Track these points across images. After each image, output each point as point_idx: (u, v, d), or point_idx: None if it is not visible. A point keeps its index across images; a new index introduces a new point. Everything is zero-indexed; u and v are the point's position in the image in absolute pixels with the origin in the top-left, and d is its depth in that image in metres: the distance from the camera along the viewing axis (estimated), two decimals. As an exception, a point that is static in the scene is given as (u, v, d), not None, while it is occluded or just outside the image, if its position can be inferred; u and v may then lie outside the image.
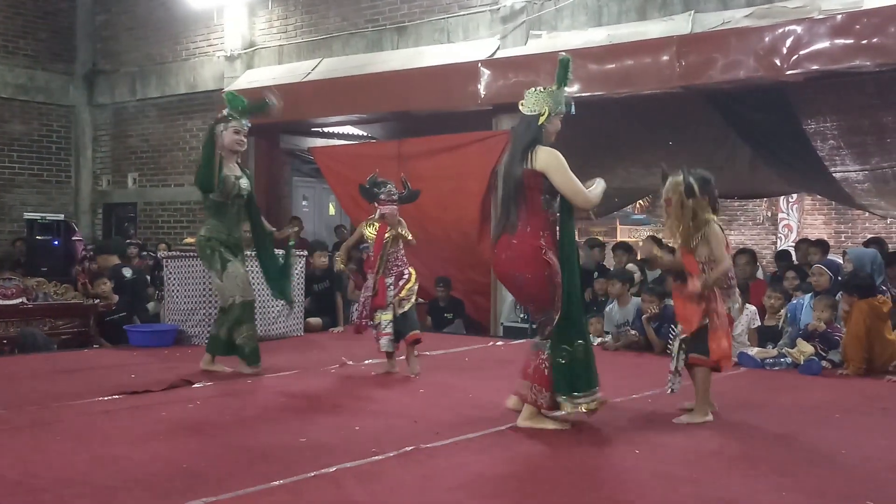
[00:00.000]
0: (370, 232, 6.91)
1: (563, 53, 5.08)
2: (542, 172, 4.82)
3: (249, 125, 6.88)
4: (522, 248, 4.80)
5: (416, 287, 6.86)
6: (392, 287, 6.72)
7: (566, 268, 4.83)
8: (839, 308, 7.39)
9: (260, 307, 8.99)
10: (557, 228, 4.92)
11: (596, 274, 9.83)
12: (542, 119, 4.90)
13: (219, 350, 6.86)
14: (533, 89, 4.99)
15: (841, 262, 8.80)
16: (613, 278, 8.77)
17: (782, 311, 7.82)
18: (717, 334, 5.13)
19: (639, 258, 10.06)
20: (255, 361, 6.80)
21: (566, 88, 5.00)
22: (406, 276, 6.79)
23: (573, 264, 4.88)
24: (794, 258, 10.21)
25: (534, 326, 5.00)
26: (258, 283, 9.00)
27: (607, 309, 8.90)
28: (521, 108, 4.97)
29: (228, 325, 6.79)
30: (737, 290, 5.39)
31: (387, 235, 6.77)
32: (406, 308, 6.72)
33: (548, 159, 4.83)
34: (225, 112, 6.79)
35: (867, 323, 6.87)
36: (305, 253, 10.09)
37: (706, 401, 5.25)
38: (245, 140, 6.85)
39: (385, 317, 6.69)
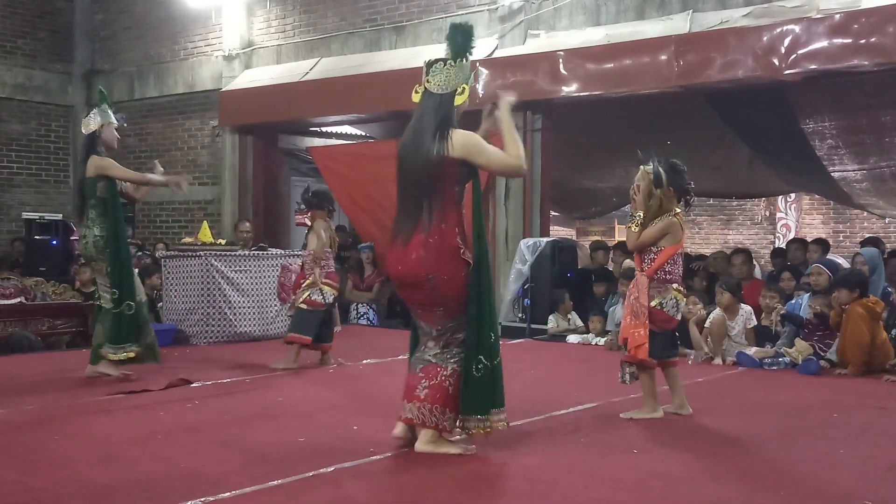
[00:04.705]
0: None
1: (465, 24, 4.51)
2: (461, 160, 4.26)
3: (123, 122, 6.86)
4: (440, 246, 4.24)
5: (308, 294, 7.13)
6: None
7: (482, 266, 4.32)
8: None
9: (258, 306, 9.02)
10: (464, 223, 4.37)
11: (593, 277, 9.85)
12: (460, 97, 4.34)
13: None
14: (439, 64, 4.36)
15: (840, 261, 8.81)
16: (622, 278, 8.75)
17: (778, 309, 7.81)
18: (632, 325, 5.19)
19: None
20: (156, 358, 6.68)
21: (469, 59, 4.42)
22: (302, 282, 7.26)
23: (487, 262, 4.38)
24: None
25: (433, 333, 4.38)
26: (255, 283, 9.04)
27: (610, 308, 8.90)
28: (427, 85, 4.37)
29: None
30: (675, 286, 5.25)
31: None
32: (291, 311, 7.39)
33: (466, 144, 4.25)
34: (103, 107, 6.66)
35: (867, 326, 6.88)
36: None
37: (647, 401, 5.29)
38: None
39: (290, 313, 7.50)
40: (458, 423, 4.36)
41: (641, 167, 5.28)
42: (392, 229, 4.44)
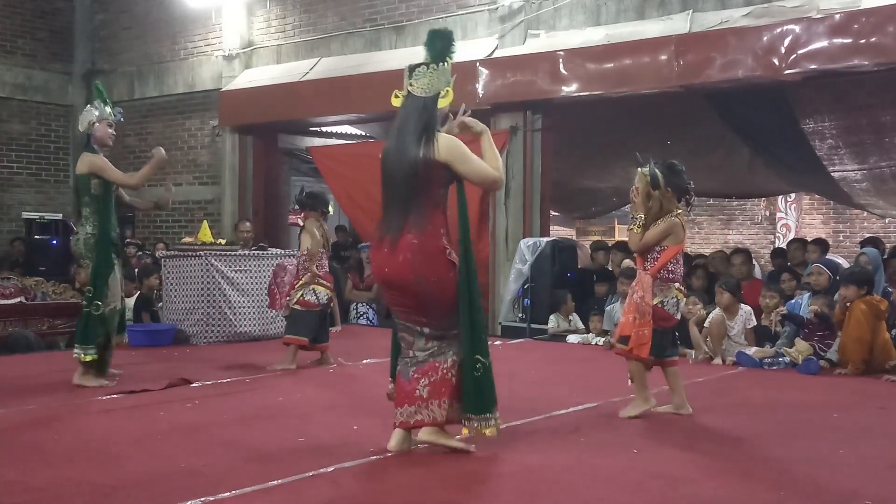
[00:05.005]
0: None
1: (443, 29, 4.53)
2: (446, 164, 4.27)
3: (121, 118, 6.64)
4: (427, 248, 4.25)
5: (301, 294, 7.14)
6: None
7: (466, 268, 4.32)
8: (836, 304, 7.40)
9: (258, 306, 9.02)
10: (449, 224, 4.39)
11: (595, 277, 9.84)
12: (443, 100, 4.34)
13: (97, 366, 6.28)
14: (422, 68, 4.38)
15: (840, 261, 8.84)
16: (622, 277, 8.76)
17: (780, 309, 7.81)
18: (636, 324, 5.20)
19: None
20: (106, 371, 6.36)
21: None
22: (298, 280, 7.23)
23: (474, 263, 4.37)
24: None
25: (425, 332, 4.35)
26: (255, 283, 9.03)
27: (608, 307, 8.90)
28: (410, 89, 4.38)
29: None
30: (677, 286, 5.28)
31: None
32: (286, 313, 7.25)
33: (451, 149, 4.27)
34: (96, 103, 6.45)
35: (869, 323, 6.88)
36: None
37: (639, 393, 5.30)
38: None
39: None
40: (463, 421, 4.34)
41: (639, 169, 5.31)
42: (376, 232, 4.44)
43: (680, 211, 5.31)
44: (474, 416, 4.31)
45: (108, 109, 6.48)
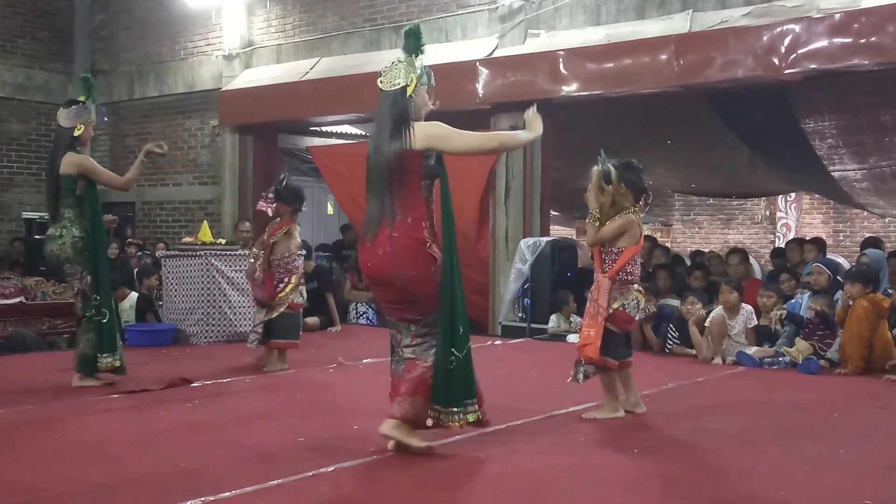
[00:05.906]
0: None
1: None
2: (424, 150, 4.28)
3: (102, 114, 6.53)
4: (405, 242, 4.26)
5: (293, 296, 7.03)
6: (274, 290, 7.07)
7: (450, 261, 4.32)
8: (838, 303, 7.40)
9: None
10: (434, 218, 4.39)
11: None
12: (410, 89, 4.35)
13: (90, 367, 6.17)
14: (389, 64, 4.45)
15: (840, 261, 8.85)
16: None
17: (778, 308, 7.80)
18: (587, 325, 5.18)
19: None
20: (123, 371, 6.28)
21: (422, 60, 4.48)
22: (284, 283, 7.04)
23: (455, 257, 4.35)
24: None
25: (411, 328, 4.39)
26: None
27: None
28: (380, 86, 4.44)
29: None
30: (636, 287, 5.25)
31: (272, 239, 7.10)
32: (274, 314, 7.01)
33: (428, 133, 4.29)
34: (88, 102, 6.27)
35: (870, 321, 6.88)
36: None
37: (609, 401, 5.25)
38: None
39: (259, 315, 7.13)
40: (432, 414, 4.33)
41: (594, 167, 5.30)
42: (361, 229, 4.50)
43: (636, 209, 5.29)
44: (440, 407, 4.31)
45: (92, 109, 6.35)
